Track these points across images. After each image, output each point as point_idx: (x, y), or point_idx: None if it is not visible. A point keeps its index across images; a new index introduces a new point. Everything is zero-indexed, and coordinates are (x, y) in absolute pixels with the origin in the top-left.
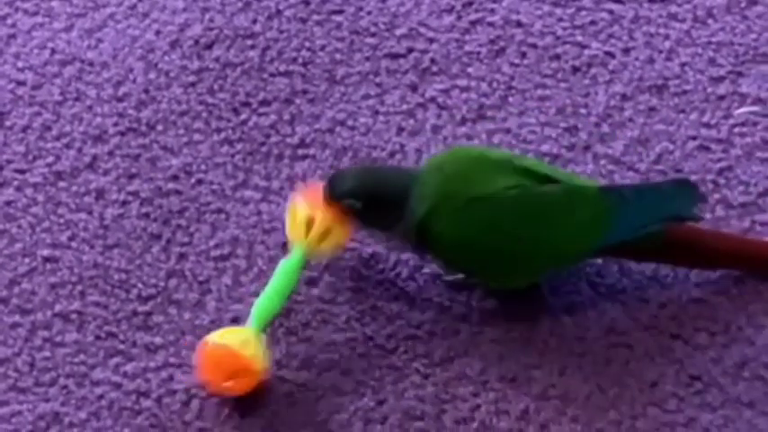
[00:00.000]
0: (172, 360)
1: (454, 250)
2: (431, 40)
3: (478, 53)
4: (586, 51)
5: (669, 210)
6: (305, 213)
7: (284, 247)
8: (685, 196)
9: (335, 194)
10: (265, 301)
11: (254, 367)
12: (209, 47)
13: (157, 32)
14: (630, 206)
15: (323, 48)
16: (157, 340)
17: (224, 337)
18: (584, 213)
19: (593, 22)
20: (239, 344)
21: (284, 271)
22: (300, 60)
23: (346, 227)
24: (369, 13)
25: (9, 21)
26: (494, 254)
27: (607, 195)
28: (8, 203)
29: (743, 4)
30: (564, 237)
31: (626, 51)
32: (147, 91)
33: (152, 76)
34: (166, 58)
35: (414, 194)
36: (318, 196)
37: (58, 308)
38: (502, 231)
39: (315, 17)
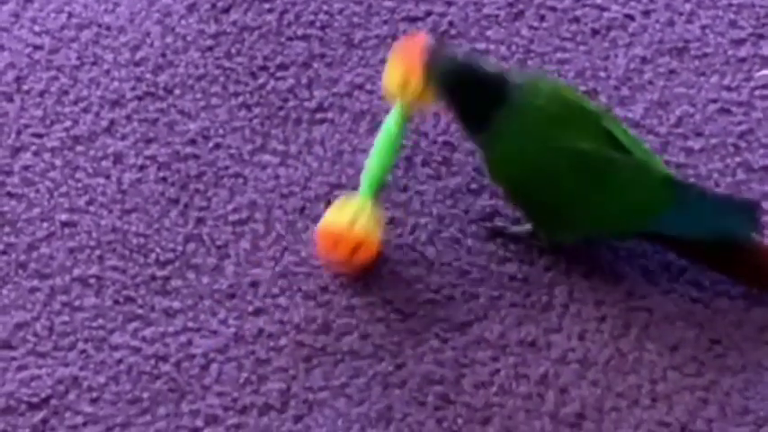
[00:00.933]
0: (190, 324)
1: (509, 182)
2: (449, 3)
3: (497, 16)
4: (606, 14)
5: (724, 225)
6: (402, 71)
7: (302, 211)
8: (745, 217)
9: (430, 78)
10: (373, 168)
11: (369, 239)
12: (227, 10)
13: None
14: (689, 206)
15: (341, 11)
16: (176, 305)
17: (335, 217)
18: (642, 194)
19: None
20: (350, 221)
21: (387, 133)
22: (318, 24)
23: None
24: None
25: None
26: (542, 200)
27: (671, 186)
28: (26, 168)
29: None
30: (613, 209)
31: (646, 14)
32: (164, 55)
33: (169, 40)
34: (183, 21)
35: (500, 113)
36: (416, 52)
37: (76, 272)
38: (557, 182)
39: None
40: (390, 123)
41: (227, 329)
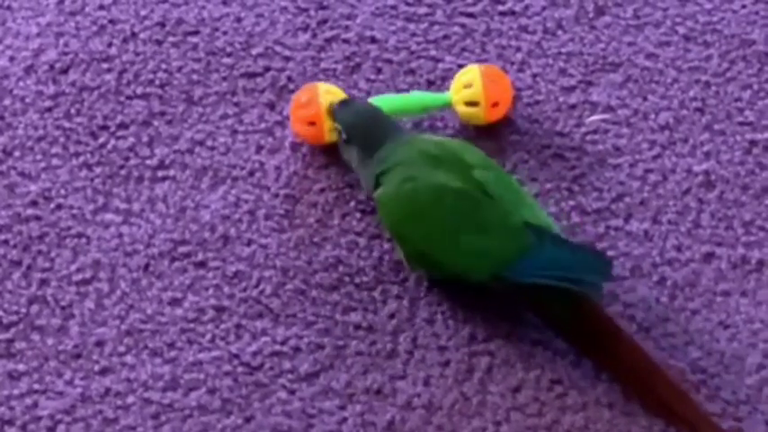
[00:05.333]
0: (36, 386)
1: (384, 215)
2: (287, 59)
3: (335, 70)
4: (440, 65)
5: (576, 273)
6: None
7: (147, 269)
8: (597, 268)
9: (334, 117)
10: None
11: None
12: (65, 71)
13: (11, 58)
14: (544, 253)
15: (179, 69)
16: (21, 367)
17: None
18: (498, 238)
19: (446, 37)
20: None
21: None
22: (157, 82)
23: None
24: (224, 33)
25: None
26: (406, 236)
27: (527, 232)
28: None
29: (591, 15)
30: (471, 249)
31: (480, 64)
32: (2, 117)
33: (7, 102)
34: (21, 83)
35: (385, 150)
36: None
37: None
38: (425, 217)
39: (170, 39)
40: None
41: (74, 390)
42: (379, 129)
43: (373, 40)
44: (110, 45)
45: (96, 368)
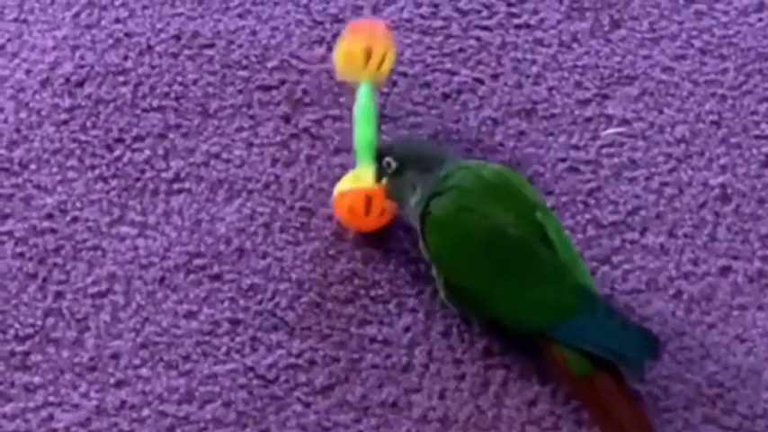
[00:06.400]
0: (51, 399)
1: (433, 246)
2: (302, 72)
3: (349, 83)
4: (456, 78)
5: (622, 348)
6: (360, 46)
7: (162, 281)
8: (645, 346)
9: (382, 151)
10: (364, 140)
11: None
12: (81, 84)
13: (28, 72)
14: (593, 319)
15: (195, 82)
16: (36, 380)
17: (357, 183)
18: (554, 296)
19: (461, 50)
20: (374, 181)
21: (364, 110)
22: (173, 95)
23: (394, 49)
24: (240, 46)
25: None
26: (461, 272)
27: (583, 296)
28: None
29: (606, 29)
30: (522, 302)
31: (494, 77)
32: (18, 130)
33: (23, 115)
34: (37, 96)
35: (443, 170)
36: (368, 28)
37: None
38: (477, 258)
39: (186, 52)
40: (364, 101)
41: (89, 402)
42: (432, 150)
43: None
44: (125, 58)
45: (111, 381)
